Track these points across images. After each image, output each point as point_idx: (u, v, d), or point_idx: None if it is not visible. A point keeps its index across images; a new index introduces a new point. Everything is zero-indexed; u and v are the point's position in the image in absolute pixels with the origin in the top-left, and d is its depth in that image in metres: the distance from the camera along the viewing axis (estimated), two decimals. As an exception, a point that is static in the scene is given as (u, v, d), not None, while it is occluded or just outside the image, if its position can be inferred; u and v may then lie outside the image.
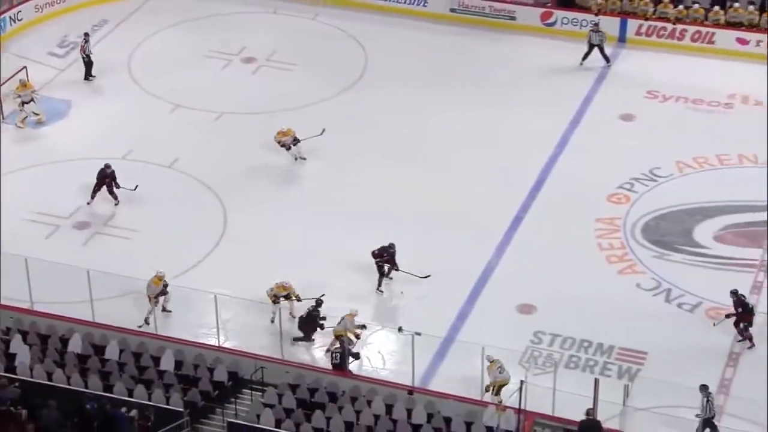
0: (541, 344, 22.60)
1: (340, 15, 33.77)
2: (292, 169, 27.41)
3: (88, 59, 30.69)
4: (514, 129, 28.80)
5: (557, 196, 26.53)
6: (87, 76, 30.72)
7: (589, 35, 31.42)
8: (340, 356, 21.25)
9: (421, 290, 23.78)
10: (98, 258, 24.04)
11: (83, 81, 30.65)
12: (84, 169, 27.41)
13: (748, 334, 22.45)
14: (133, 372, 21.00)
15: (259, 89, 30.66)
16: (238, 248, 24.91)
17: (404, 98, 30.04)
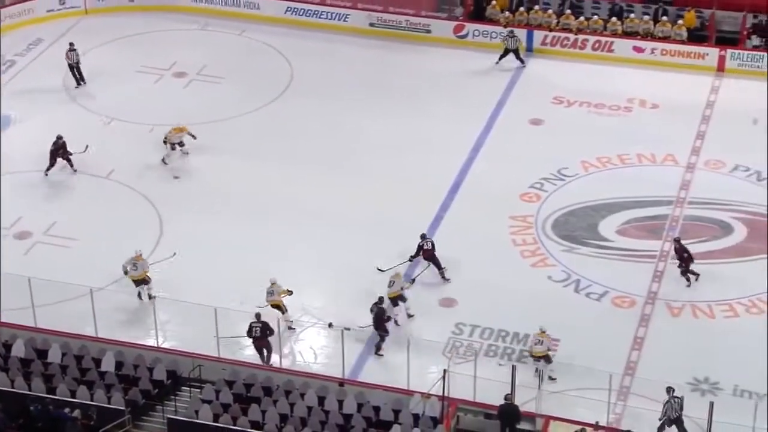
0: (462, 335, 22.75)
1: (266, 31, 33.62)
2: (224, 177, 27.20)
3: (76, 66, 30.28)
4: (433, 134, 28.95)
5: (473, 196, 26.73)
6: (78, 83, 30.39)
7: (506, 41, 31.80)
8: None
9: (349, 287, 23.77)
10: (39, 266, 23.59)
11: (74, 88, 30.34)
12: (23, 181, 26.92)
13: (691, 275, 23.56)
14: (75, 374, 20.67)
15: (190, 102, 30.38)
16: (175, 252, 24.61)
17: (328, 108, 30.03)
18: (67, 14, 33.89)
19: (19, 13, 33.31)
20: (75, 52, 30.49)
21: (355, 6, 33.84)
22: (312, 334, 22.74)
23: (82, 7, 34.13)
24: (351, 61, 32.49)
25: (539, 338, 21.62)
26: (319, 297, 23.76)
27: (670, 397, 19.78)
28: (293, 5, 34.08)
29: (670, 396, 19.79)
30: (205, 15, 34.30)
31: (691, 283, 23.80)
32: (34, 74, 31.28)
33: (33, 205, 26.05)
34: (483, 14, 33.54)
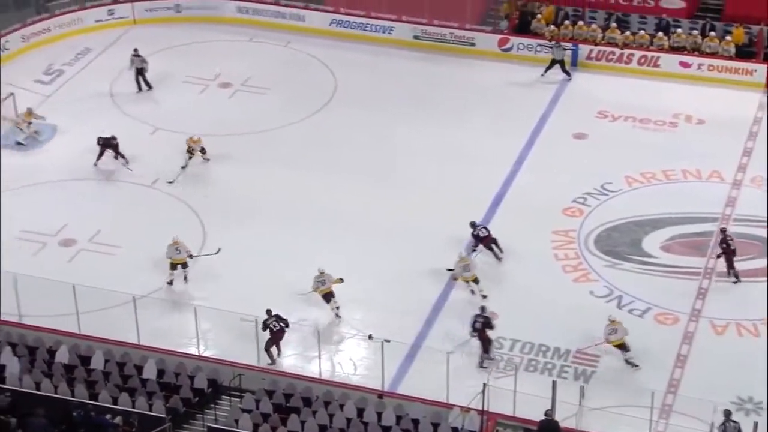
0: (503, 349, 22.65)
1: (311, 42, 33.83)
2: (266, 186, 27.37)
3: (141, 72, 30.87)
4: (476, 147, 28.93)
5: (516, 210, 26.65)
6: (147, 87, 31.03)
7: (553, 51, 31.71)
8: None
9: (389, 298, 23.81)
10: (83, 273, 23.86)
11: (137, 93, 30.96)
12: (70, 189, 27.29)
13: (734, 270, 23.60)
14: (117, 381, 20.86)
15: (235, 112, 30.62)
16: (216, 262, 24.78)
17: (371, 119, 30.13)
18: (115, 24, 34.36)
19: (68, 22, 33.84)
20: (139, 57, 31.04)
21: (400, 18, 33.94)
22: (352, 346, 22.77)
23: (130, 18, 34.58)
24: (395, 74, 32.58)
25: (613, 327, 21.59)
26: (360, 308, 23.78)
27: (726, 421, 19.45)
28: (338, 17, 34.28)
29: (726, 419, 19.47)
30: (251, 26, 34.61)
31: (738, 281, 23.78)
32: (81, 83, 31.72)
33: (78, 213, 26.35)
34: (528, 28, 33.50)
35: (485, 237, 24.73)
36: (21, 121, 28.86)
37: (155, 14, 34.61)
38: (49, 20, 33.53)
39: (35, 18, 33.39)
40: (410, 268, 24.61)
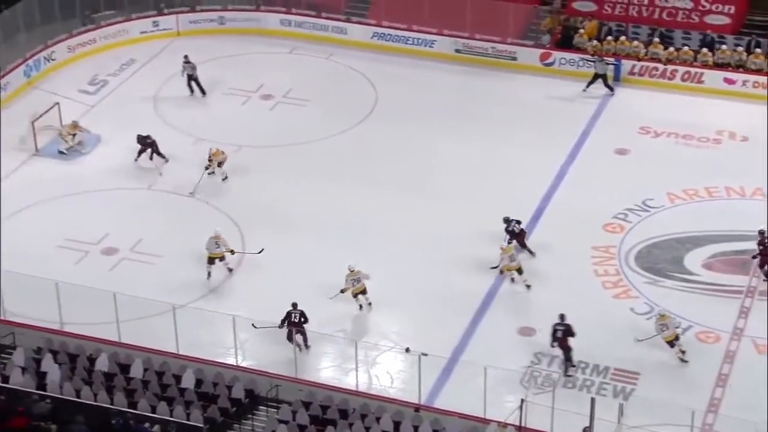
0: (541, 365, 22.53)
1: (353, 55, 33.97)
2: (308, 197, 27.47)
3: (193, 78, 31.44)
4: (515, 161, 28.86)
5: (556, 225, 26.53)
6: (201, 93, 31.60)
7: (595, 65, 31.66)
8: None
9: (427, 312, 23.80)
10: (124, 282, 24.09)
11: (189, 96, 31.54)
12: (112, 198, 27.58)
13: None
14: (156, 389, 21.01)
15: (276, 124, 30.81)
16: (254, 273, 24.92)
17: (411, 132, 30.17)
18: (160, 36, 34.72)
19: (113, 34, 34.26)
20: (189, 64, 31.52)
21: (442, 32, 34.00)
22: (389, 358, 22.76)
23: (174, 29, 34.94)
24: (436, 87, 32.62)
25: (662, 323, 21.76)
26: (397, 321, 23.79)
27: None
28: (380, 30, 34.39)
29: None
30: (293, 39, 34.82)
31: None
32: (125, 94, 32.08)
33: (120, 222, 26.61)
34: (570, 42, 33.40)
35: (520, 233, 25.02)
36: (66, 132, 29.25)
37: (199, 26, 34.97)
38: (95, 31, 33.97)
39: (81, 29, 33.82)
40: (449, 282, 24.58)
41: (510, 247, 24.51)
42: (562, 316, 22.36)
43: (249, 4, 35.69)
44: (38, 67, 32.40)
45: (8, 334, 22.42)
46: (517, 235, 25.09)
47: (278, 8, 35.24)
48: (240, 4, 35.63)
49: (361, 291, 23.54)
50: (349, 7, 35.31)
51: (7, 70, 31.55)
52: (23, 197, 27.29)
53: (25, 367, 21.40)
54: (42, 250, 25.34)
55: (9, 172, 28.38)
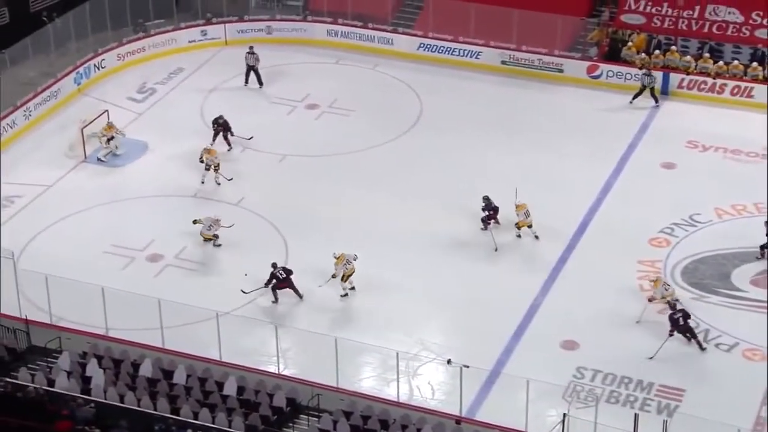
0: (584, 379, 22.39)
1: (398, 66, 34.06)
2: (349, 208, 27.57)
3: (254, 69, 32.36)
4: (561, 174, 28.74)
5: (601, 239, 26.38)
6: (259, 84, 32.51)
7: (642, 77, 31.50)
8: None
9: (469, 324, 23.76)
10: (169, 288, 24.33)
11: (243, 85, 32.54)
12: (158, 205, 27.88)
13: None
14: (198, 396, 21.17)
15: (321, 134, 30.96)
16: (298, 280, 25.02)
17: (456, 144, 30.17)
18: (207, 45, 35.08)
19: (162, 42, 34.67)
20: (254, 55, 32.30)
21: (488, 44, 33.98)
22: (430, 370, 22.75)
23: (222, 38, 35.28)
24: (481, 98, 32.60)
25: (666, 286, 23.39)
26: (438, 332, 23.79)
27: None
28: (426, 41, 34.46)
29: None
30: (339, 49, 35.00)
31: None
32: (172, 102, 32.44)
33: (165, 229, 26.87)
34: (618, 55, 33.22)
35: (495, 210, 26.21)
36: (100, 135, 29.53)
37: (246, 35, 35.26)
38: (145, 40, 34.40)
39: (131, 37, 34.27)
40: (492, 294, 24.53)
41: (523, 204, 25.85)
42: (674, 304, 23.02)
43: (296, 14, 35.96)
44: (88, 75, 32.87)
45: (55, 338, 22.72)
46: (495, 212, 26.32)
47: (325, 19, 35.46)
48: (287, 14, 35.91)
49: (350, 273, 24.29)
50: (396, 18, 35.42)
51: (58, 77, 32.04)
52: (71, 203, 27.68)
53: (70, 371, 21.68)
54: (89, 256, 25.68)
55: (57, 179, 28.81)
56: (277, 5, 36.18)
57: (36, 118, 30.98)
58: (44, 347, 22.60)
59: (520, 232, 26.01)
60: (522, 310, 24.14)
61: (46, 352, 22.53)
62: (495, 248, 25.79)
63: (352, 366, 22.38)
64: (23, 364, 21.93)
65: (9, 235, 26.18)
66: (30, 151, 30.02)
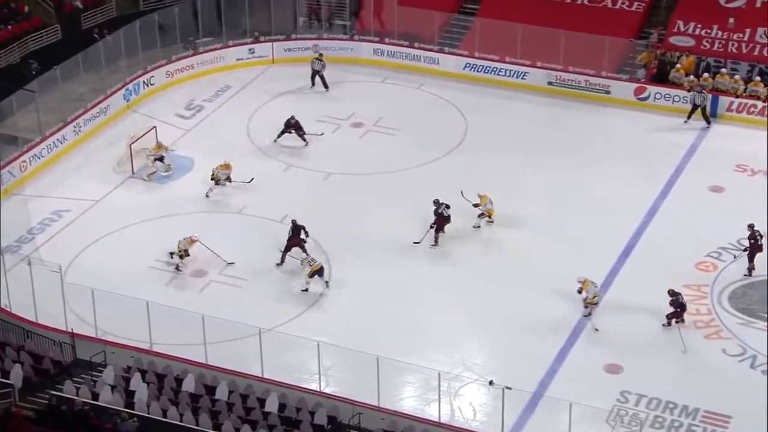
0: (628, 404, 22.19)
1: (444, 85, 34.13)
2: (391, 226, 27.61)
3: (317, 72, 33.39)
4: (606, 196, 28.59)
5: (646, 262, 26.17)
6: (324, 86, 33.59)
7: (693, 96, 31.38)
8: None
9: (512, 345, 23.66)
10: (212, 304, 24.51)
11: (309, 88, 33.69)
12: (203, 221, 28.12)
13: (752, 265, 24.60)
14: (240, 412, 21.28)
15: (365, 152, 31.09)
16: (339, 299, 25.13)
17: (501, 164, 30.13)
18: (255, 63, 35.42)
19: (211, 60, 35.07)
20: (321, 62, 33.27)
21: (534, 64, 33.96)
22: (472, 391, 22.68)
23: (269, 57, 35.61)
24: (527, 119, 32.56)
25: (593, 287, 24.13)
26: (480, 353, 23.72)
27: None
28: (472, 61, 34.51)
29: None
30: (385, 68, 35.16)
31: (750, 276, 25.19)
32: (219, 119, 32.77)
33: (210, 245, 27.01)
34: (666, 77, 33.03)
35: (447, 218, 26.57)
36: (149, 154, 29.92)
37: (293, 54, 35.57)
38: (193, 57, 34.82)
39: (181, 55, 34.71)
40: (534, 315, 24.43)
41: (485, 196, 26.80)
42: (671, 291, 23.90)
43: (343, 33, 36.23)
44: (137, 91, 33.33)
45: (100, 352, 22.98)
46: (444, 219, 26.55)
47: (372, 38, 35.67)
48: (334, 34, 36.18)
49: (318, 270, 25.01)
50: (443, 37, 35.53)
51: (108, 93, 32.52)
52: (118, 218, 28.02)
53: (114, 385, 21.90)
54: (134, 271, 25.97)
55: (105, 194, 29.19)
56: (324, 24, 36.47)
57: (85, 134, 31.45)
58: (89, 361, 22.85)
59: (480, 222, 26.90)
60: (566, 331, 24.00)
61: (91, 365, 22.78)
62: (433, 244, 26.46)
63: (394, 385, 22.39)
64: (69, 378, 22.20)
65: (56, 248, 26.59)
66: (79, 166, 30.47)
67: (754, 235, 25.47)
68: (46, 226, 27.75)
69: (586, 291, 24.17)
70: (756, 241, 25.42)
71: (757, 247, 25.44)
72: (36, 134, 30.31)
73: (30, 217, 28.04)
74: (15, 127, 30.39)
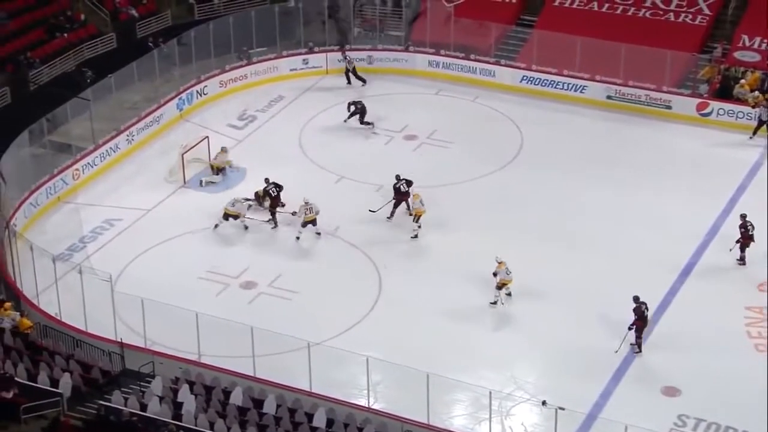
0: (685, 428, 21.90)
1: (500, 98, 34.07)
2: (445, 241, 27.58)
3: (352, 70, 34.44)
4: (665, 213, 28.29)
5: (706, 282, 25.84)
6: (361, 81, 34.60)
7: (759, 112, 31.00)
8: None
9: (566, 365, 23.48)
10: (261, 316, 24.64)
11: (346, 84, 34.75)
12: (254, 232, 28.30)
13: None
14: (287, 426, 21.33)
15: (418, 165, 31.08)
16: (391, 314, 25.13)
17: (557, 180, 29.96)
18: (309, 73, 35.68)
19: (264, 70, 35.39)
20: (346, 59, 34.63)
21: (594, 78, 33.75)
22: (524, 410, 22.53)
23: (323, 67, 35.83)
24: (585, 133, 32.38)
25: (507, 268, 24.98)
26: (532, 372, 23.58)
27: None
28: (529, 74, 34.41)
29: None
30: (440, 80, 35.20)
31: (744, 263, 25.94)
32: (272, 130, 33.01)
33: (261, 256, 27.29)
34: (730, 93, 32.64)
35: (405, 193, 27.83)
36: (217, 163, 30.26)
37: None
38: (247, 67, 35.17)
39: (234, 65, 35.07)
40: (590, 335, 24.21)
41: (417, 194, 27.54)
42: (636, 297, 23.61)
43: (398, 44, 36.33)
44: (190, 101, 33.73)
45: (148, 362, 23.21)
46: (402, 195, 27.69)
47: (427, 49, 35.73)
48: (389, 44, 36.31)
49: (312, 221, 26.97)
50: (499, 49, 35.49)
51: (161, 102, 32.95)
52: (169, 228, 28.33)
53: (162, 396, 22.09)
54: (184, 282, 26.21)
55: (157, 203, 29.54)
56: (379, 35, 36.62)
57: (138, 143, 31.89)
58: (138, 371, 23.09)
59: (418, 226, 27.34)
60: (621, 352, 23.75)
61: (139, 376, 23.02)
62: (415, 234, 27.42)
63: (443, 403, 22.32)
64: (117, 388, 22.43)
65: (107, 257, 26.95)
66: (131, 175, 30.88)
67: (745, 225, 26.15)
68: (97, 235, 28.14)
69: (499, 272, 24.95)
70: (747, 231, 26.08)
71: (748, 237, 26.05)
72: (89, 142, 30.80)
73: (82, 226, 28.46)
74: (68, 135, 30.89)
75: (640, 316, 23.62)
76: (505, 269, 25.08)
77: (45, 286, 24.89)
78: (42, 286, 24.97)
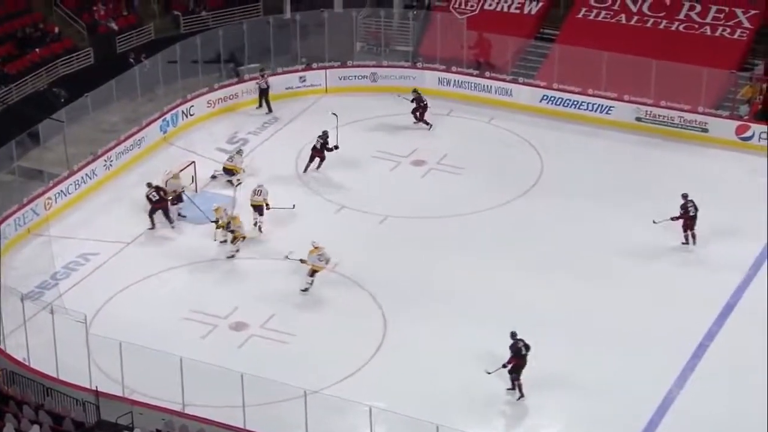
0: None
1: (517, 119, 34.20)
2: (459, 275, 27.54)
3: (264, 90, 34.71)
4: (703, 248, 28.28)
5: (749, 321, 25.79)
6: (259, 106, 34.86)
7: None
8: None
9: (598, 414, 23.38)
10: (253, 361, 24.58)
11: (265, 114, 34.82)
12: (244, 268, 28.30)
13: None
14: (281, 484, 21.22)
15: (427, 193, 31.15)
16: (397, 358, 25.06)
17: (581, 209, 29.99)
18: (306, 92, 35.90)
19: (256, 88, 35.36)
20: (263, 79, 34.34)
21: (621, 98, 33.87)
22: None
23: (322, 86, 36.01)
24: (612, 158, 32.46)
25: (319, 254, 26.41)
26: (563, 419, 23.48)
27: None
28: (550, 93, 34.56)
29: None
30: (452, 99, 35.35)
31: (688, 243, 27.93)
32: (265, 154, 33.05)
33: (252, 295, 27.23)
34: (772, 114, 32.81)
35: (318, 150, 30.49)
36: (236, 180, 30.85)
37: (349, 82, 35.91)
38: (237, 86, 35.32)
39: (223, 83, 35.22)
40: (623, 378, 24.14)
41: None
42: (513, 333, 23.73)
43: (405, 60, 36.49)
44: (175, 122, 33.82)
45: (126, 413, 23.10)
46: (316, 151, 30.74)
47: (437, 66, 35.90)
48: (395, 60, 36.47)
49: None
50: (517, 66, 35.63)
51: (143, 124, 33.03)
52: (151, 264, 28.32)
53: (141, 450, 22.03)
54: (167, 322, 26.19)
55: (137, 236, 29.53)
56: (384, 50, 36.78)
57: (117, 168, 31.97)
58: (115, 423, 22.97)
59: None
60: (656, 400, 23.65)
61: (116, 428, 22.90)
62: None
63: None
64: (91, 441, 22.37)
65: (82, 296, 26.94)
66: (109, 204, 30.92)
67: (686, 206, 27.86)
68: (71, 271, 28.15)
69: (310, 257, 26.49)
70: (687, 212, 27.83)
71: (688, 218, 27.82)
72: (63, 168, 30.88)
73: (54, 261, 28.48)
74: (40, 161, 31.00)
75: (515, 353, 23.56)
76: (317, 255, 26.47)
77: (13, 327, 24.87)
78: (9, 328, 24.95)
